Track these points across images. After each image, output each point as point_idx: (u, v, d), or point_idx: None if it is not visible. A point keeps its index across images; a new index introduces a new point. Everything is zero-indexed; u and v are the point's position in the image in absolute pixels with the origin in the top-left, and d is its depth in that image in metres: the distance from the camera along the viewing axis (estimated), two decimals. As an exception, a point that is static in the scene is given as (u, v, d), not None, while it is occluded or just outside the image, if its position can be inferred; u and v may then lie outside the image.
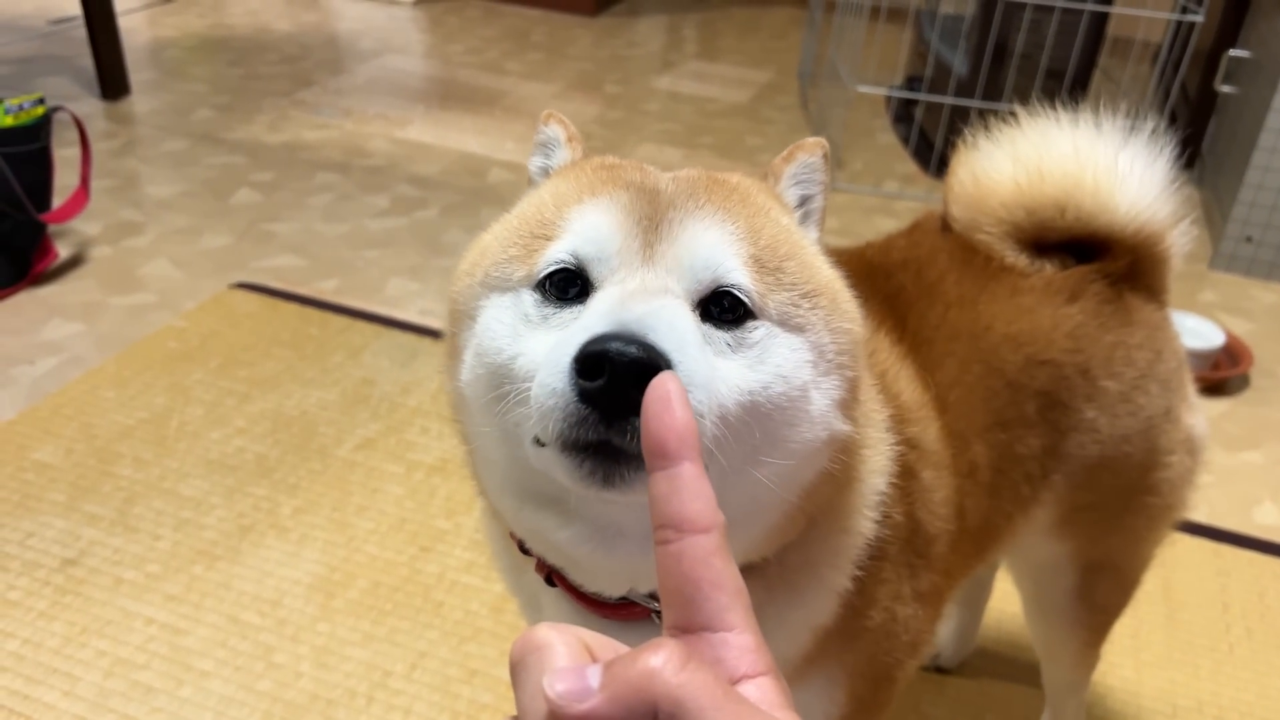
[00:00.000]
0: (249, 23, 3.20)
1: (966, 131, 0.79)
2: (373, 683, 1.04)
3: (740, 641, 0.29)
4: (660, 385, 0.31)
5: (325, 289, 1.76)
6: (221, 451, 1.34)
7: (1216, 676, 1.14)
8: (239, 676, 1.03)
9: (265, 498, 1.27)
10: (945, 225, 0.80)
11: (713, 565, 0.30)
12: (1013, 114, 0.79)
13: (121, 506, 1.24)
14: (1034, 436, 0.75)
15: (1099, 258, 0.77)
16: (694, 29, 3.61)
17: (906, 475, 0.65)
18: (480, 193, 2.17)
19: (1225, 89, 2.30)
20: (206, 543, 1.20)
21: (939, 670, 1.12)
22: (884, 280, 0.76)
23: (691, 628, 0.30)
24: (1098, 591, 0.88)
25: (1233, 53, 2.27)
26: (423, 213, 2.06)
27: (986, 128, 0.79)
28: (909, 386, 0.69)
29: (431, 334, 1.63)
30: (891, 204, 2.28)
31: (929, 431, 0.69)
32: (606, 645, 0.30)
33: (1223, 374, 1.69)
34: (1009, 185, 0.74)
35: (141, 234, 1.90)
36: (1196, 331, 1.69)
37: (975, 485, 0.72)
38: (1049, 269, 0.76)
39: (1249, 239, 2.06)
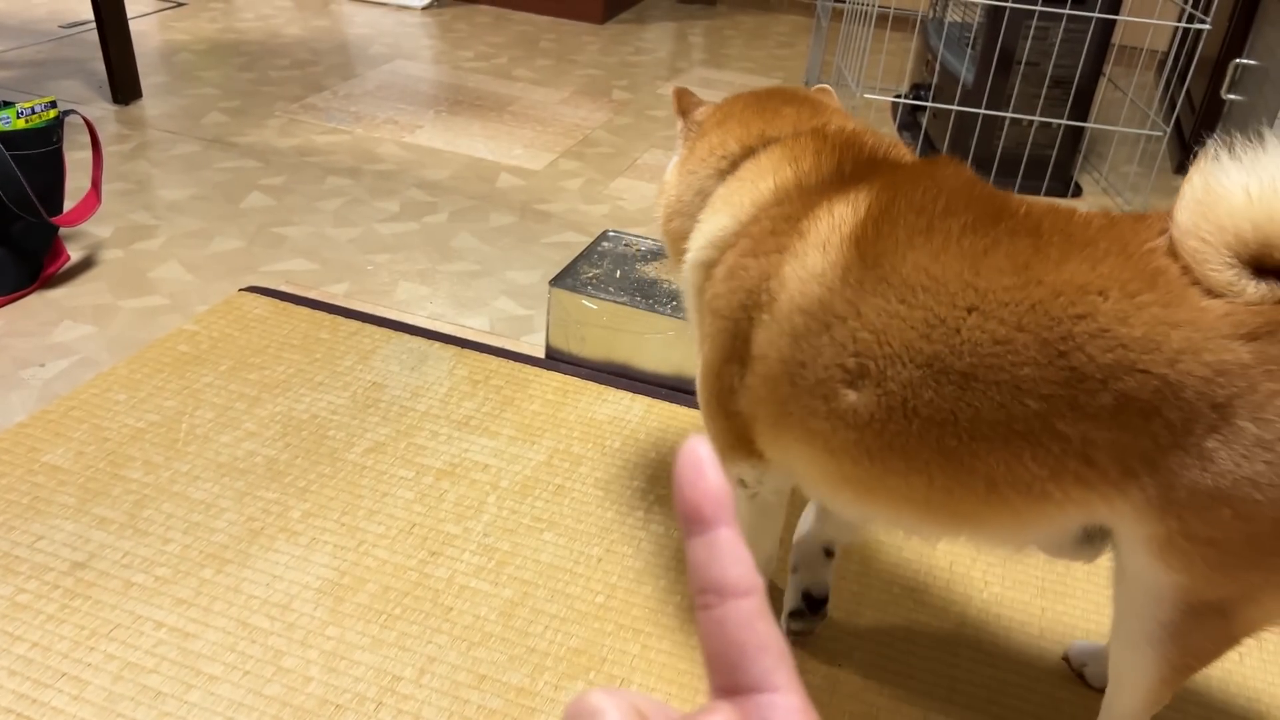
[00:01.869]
0: (260, 27, 3.22)
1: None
2: (381, 687, 1.04)
3: (787, 703, 0.30)
4: (692, 452, 0.31)
5: (335, 293, 1.77)
6: (232, 455, 1.35)
7: (1226, 686, 1.13)
8: (248, 681, 1.04)
9: (275, 501, 1.27)
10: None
11: (757, 629, 0.30)
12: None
13: (131, 510, 1.24)
14: (1094, 424, 0.76)
15: None
16: (701, 36, 3.62)
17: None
18: (489, 197, 2.18)
19: (1232, 97, 2.30)
20: (216, 546, 1.20)
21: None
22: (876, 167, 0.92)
23: (739, 690, 0.30)
24: (1196, 635, 0.83)
25: (1240, 61, 2.27)
26: (432, 217, 2.07)
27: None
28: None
29: (441, 338, 1.63)
30: (899, 211, 2.28)
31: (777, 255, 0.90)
32: (659, 710, 0.30)
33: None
34: (1240, 194, 0.72)
35: (153, 237, 1.91)
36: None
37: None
38: (1251, 291, 0.72)
39: (1258, 248, 2.05)
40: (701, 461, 0.31)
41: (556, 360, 1.61)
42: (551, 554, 1.23)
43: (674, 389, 1.55)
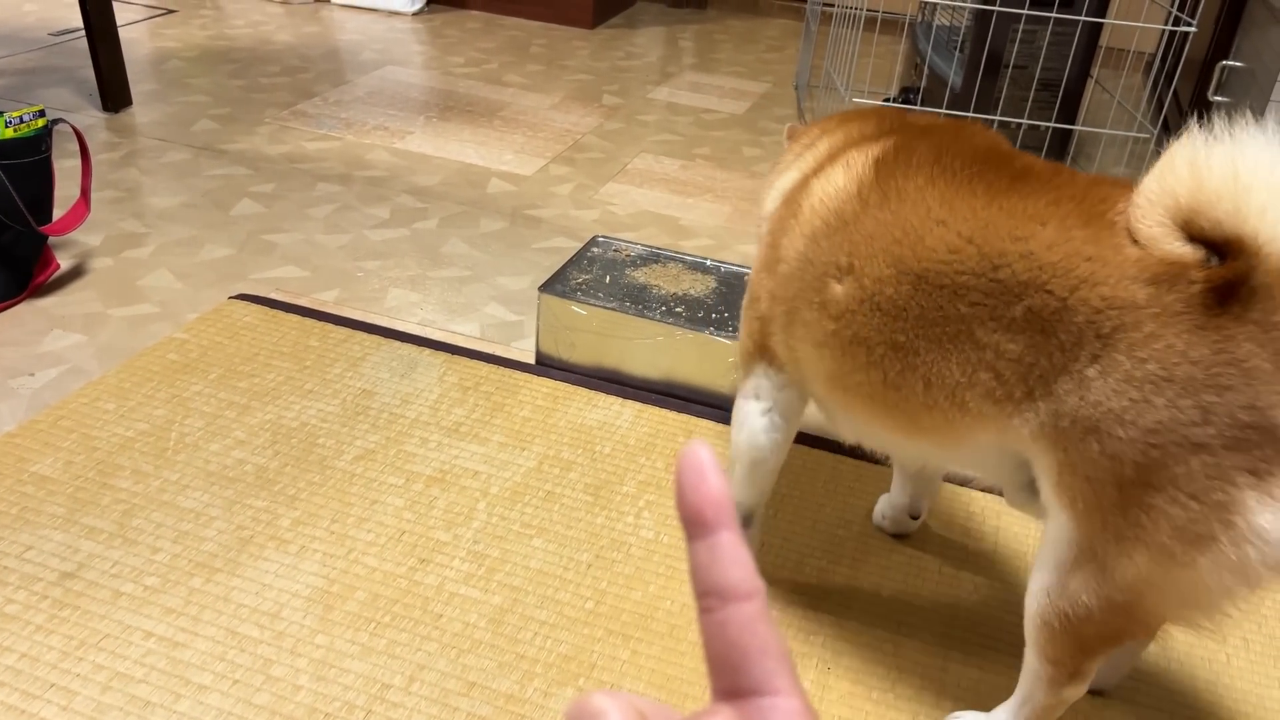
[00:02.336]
0: (250, 34, 3.22)
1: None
2: (371, 695, 1.04)
3: (789, 705, 0.30)
4: (693, 455, 0.32)
5: (325, 300, 1.77)
6: (221, 463, 1.35)
7: (1214, 688, 1.14)
8: (237, 690, 1.04)
9: (265, 509, 1.27)
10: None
11: (758, 631, 0.31)
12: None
13: (121, 519, 1.24)
14: (1007, 336, 0.85)
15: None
16: (691, 40, 3.62)
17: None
18: (480, 203, 2.18)
19: (1219, 99, 2.31)
20: (205, 555, 1.20)
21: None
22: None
23: (740, 693, 0.30)
24: (1075, 581, 0.86)
25: (1226, 63, 2.28)
26: (423, 223, 2.07)
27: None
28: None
29: (431, 344, 1.64)
30: (889, 214, 2.28)
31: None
32: (660, 712, 0.31)
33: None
34: (1184, 166, 0.78)
35: (143, 245, 1.91)
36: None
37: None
38: (1170, 247, 0.78)
39: (1245, 249, 2.06)
40: (703, 465, 0.32)
41: (546, 366, 1.61)
42: (541, 560, 1.23)
43: (664, 394, 1.55)
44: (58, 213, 1.78)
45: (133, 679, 1.04)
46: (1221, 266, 0.76)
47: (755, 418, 1.10)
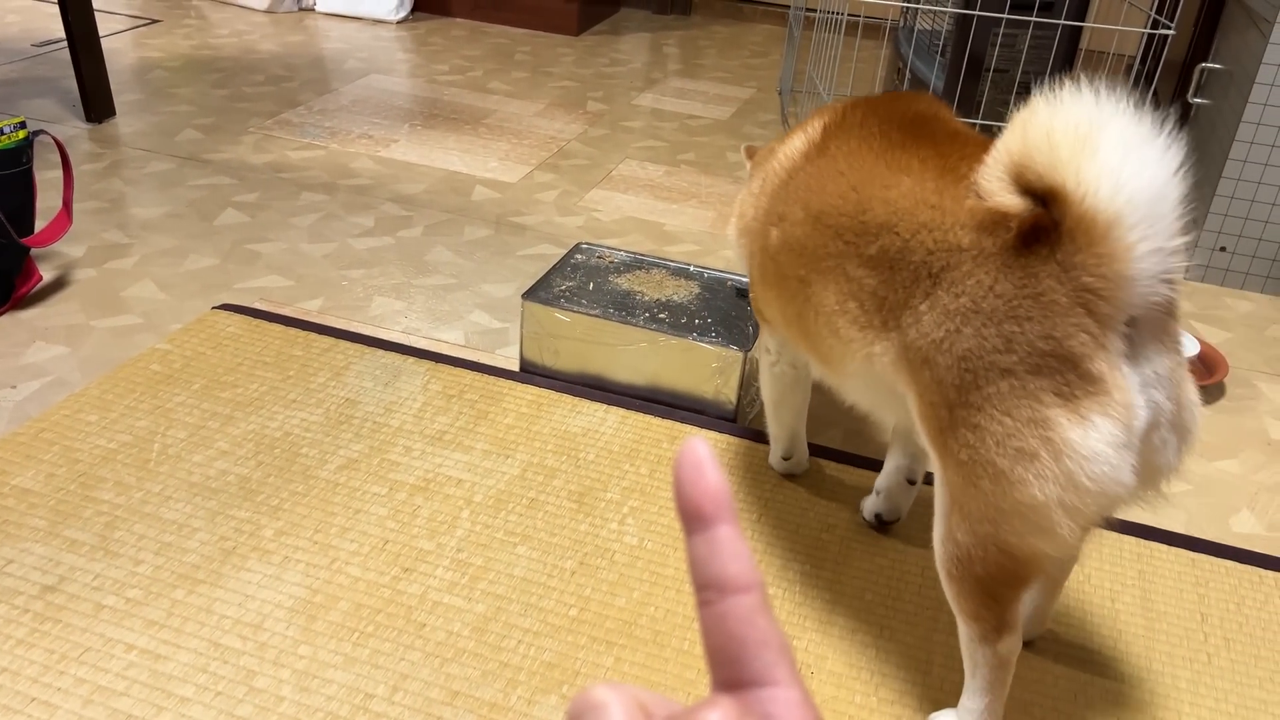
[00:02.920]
0: (234, 43, 3.22)
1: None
2: (354, 705, 1.04)
3: (788, 695, 0.30)
4: (691, 451, 0.32)
5: (309, 309, 1.77)
6: (204, 474, 1.34)
7: (1196, 687, 1.15)
8: (219, 702, 1.03)
9: (248, 520, 1.27)
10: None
11: (757, 624, 0.31)
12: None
13: (103, 531, 1.24)
14: (866, 270, 0.97)
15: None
16: (676, 46, 3.63)
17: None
18: (465, 211, 2.19)
19: (1198, 101, 2.33)
20: (188, 567, 1.20)
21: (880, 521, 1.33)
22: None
23: (740, 684, 0.31)
24: (953, 523, 0.93)
25: (1205, 65, 2.30)
26: (407, 231, 2.07)
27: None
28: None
29: (415, 353, 1.64)
30: (872, 218, 2.30)
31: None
32: (660, 703, 0.31)
33: (1199, 384, 1.70)
34: (1019, 125, 0.84)
35: (126, 256, 1.90)
36: (1173, 343, 1.71)
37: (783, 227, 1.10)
38: (1003, 199, 0.86)
39: (1223, 249, 2.08)
40: (701, 461, 0.32)
41: (530, 373, 1.61)
42: (525, 568, 1.23)
43: (648, 400, 1.56)
44: (40, 224, 1.77)
45: (114, 692, 1.03)
46: (1031, 213, 0.84)
47: (767, 369, 1.32)
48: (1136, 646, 1.19)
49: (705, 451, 0.32)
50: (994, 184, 0.86)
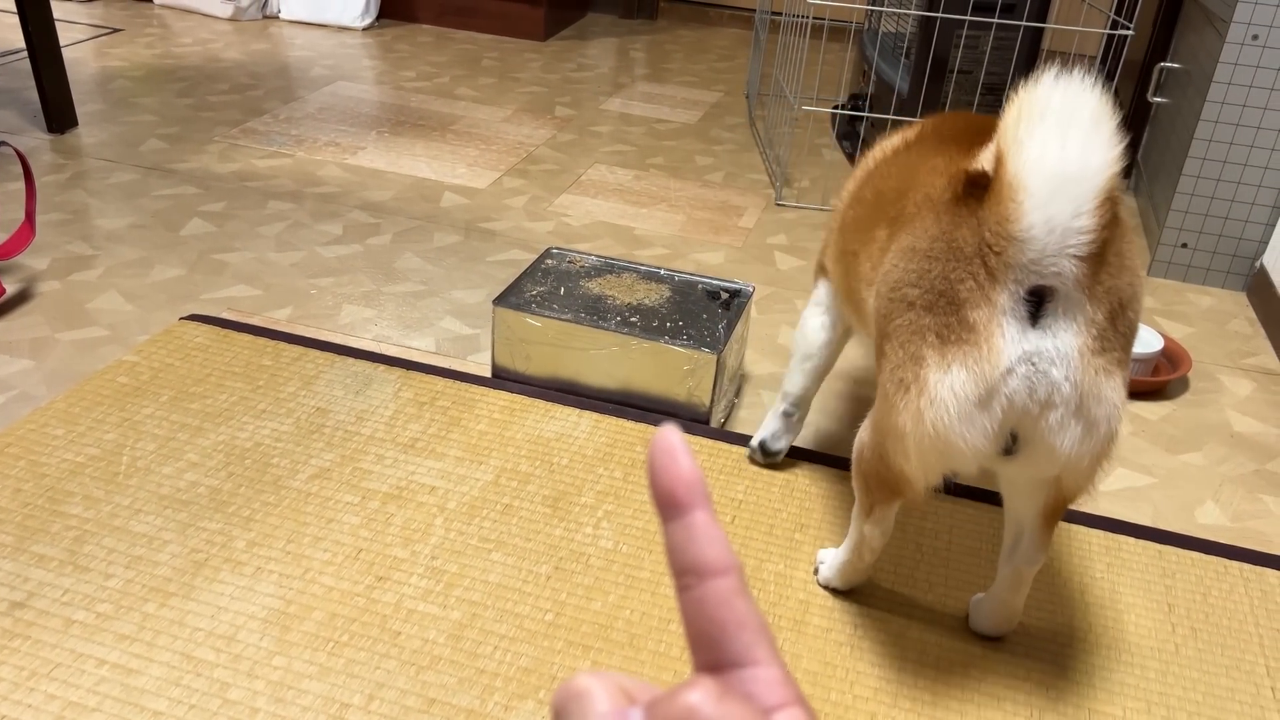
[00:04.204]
0: (198, 52, 3.19)
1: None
2: (330, 716, 1.03)
3: (768, 674, 0.31)
4: (664, 439, 0.32)
5: (278, 318, 1.76)
6: (174, 486, 1.33)
7: (1164, 677, 1.17)
8: (193, 715, 1.02)
9: (219, 532, 1.26)
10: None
11: (735, 606, 0.31)
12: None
13: (71, 546, 1.22)
14: (885, 230, 1.08)
15: None
16: (643, 51, 3.64)
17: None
18: (433, 217, 2.18)
19: (1157, 100, 2.37)
20: (159, 580, 1.19)
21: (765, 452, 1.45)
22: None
23: (720, 666, 0.31)
24: (867, 421, 1.11)
25: (1164, 65, 2.33)
26: (376, 239, 2.06)
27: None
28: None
29: (386, 360, 1.63)
30: (841, 220, 2.31)
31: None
32: (643, 688, 0.31)
33: (1163, 378, 1.73)
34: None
35: (91, 267, 1.88)
36: (1138, 338, 1.74)
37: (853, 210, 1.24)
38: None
39: (1184, 245, 2.12)
40: (674, 447, 0.32)
41: (503, 379, 1.61)
42: (500, 574, 1.23)
43: (621, 404, 1.56)
44: (2, 237, 1.75)
45: (86, 708, 1.02)
46: (974, 170, 0.93)
47: (813, 319, 1.37)
48: (1106, 638, 1.21)
49: (678, 439, 0.32)
50: (988, 152, 0.93)
